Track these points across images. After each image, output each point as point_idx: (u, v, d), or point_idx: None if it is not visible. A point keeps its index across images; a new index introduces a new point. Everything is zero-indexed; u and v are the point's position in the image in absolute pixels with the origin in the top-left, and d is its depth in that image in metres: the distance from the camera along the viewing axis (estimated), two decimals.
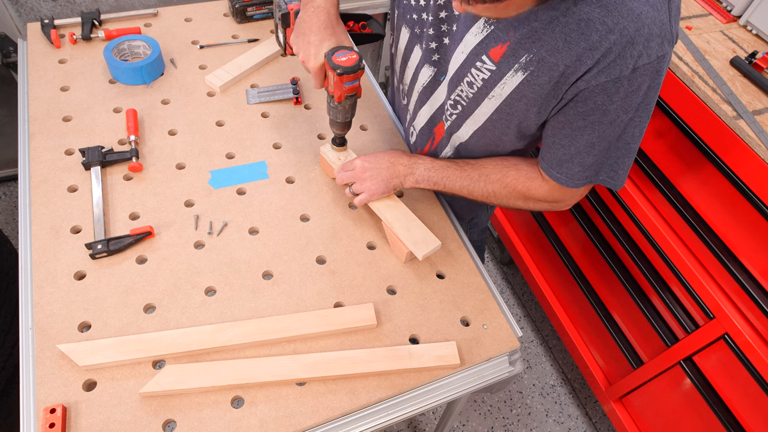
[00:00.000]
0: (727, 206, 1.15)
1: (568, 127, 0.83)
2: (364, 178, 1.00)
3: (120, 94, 1.22)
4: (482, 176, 0.97)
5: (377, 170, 1.00)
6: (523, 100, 0.82)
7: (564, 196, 0.95)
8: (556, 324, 1.80)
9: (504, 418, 1.81)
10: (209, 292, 0.94)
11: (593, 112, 0.78)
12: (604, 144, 0.83)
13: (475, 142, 0.97)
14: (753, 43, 1.28)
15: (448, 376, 0.91)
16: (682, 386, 1.34)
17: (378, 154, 1.02)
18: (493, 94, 0.85)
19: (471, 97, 0.89)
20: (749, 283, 1.13)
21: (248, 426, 0.80)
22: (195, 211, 1.05)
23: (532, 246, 1.89)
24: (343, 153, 1.08)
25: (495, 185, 0.97)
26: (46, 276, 0.92)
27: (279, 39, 1.15)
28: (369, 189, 1.00)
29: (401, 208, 1.02)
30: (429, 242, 0.98)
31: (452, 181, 0.99)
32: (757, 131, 1.06)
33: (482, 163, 0.98)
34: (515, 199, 0.98)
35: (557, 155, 0.87)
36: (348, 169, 1.02)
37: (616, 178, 0.88)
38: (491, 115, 0.88)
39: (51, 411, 0.76)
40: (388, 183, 1.00)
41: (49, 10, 1.55)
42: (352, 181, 1.01)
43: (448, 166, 0.99)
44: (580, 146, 0.84)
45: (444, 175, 0.99)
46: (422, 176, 1.00)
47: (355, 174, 1.01)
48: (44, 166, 1.06)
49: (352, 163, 1.02)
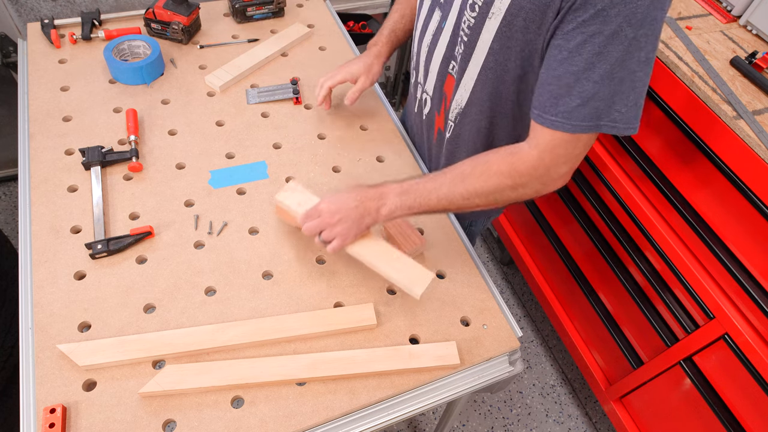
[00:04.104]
0: (727, 206, 1.15)
1: (564, 48, 0.75)
2: (333, 223, 0.90)
3: (120, 94, 1.22)
4: (457, 177, 0.88)
5: (345, 212, 0.90)
6: (521, 13, 0.79)
7: (555, 162, 0.82)
8: (556, 324, 1.80)
9: (504, 418, 1.81)
10: (209, 292, 0.94)
11: (593, 21, 0.71)
12: (605, 66, 0.73)
13: (479, 91, 0.93)
14: (753, 43, 1.28)
15: (448, 376, 0.91)
16: (682, 386, 1.34)
17: (341, 194, 0.92)
18: (493, 11, 0.82)
19: (473, 24, 0.86)
20: (749, 283, 1.13)
21: (248, 426, 0.80)
22: (195, 211, 1.05)
23: (532, 246, 1.89)
24: (301, 196, 0.98)
25: (475, 180, 0.86)
26: (46, 276, 0.92)
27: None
28: (340, 234, 0.91)
29: (380, 245, 0.94)
30: (423, 278, 0.91)
31: (427, 196, 0.89)
32: (757, 131, 1.06)
33: (455, 165, 0.90)
34: (502, 188, 0.86)
35: (552, 90, 0.78)
36: (313, 217, 0.92)
37: (624, 119, 0.77)
38: (492, 43, 0.85)
39: (51, 411, 0.76)
40: (359, 223, 0.91)
41: (49, 10, 1.55)
42: (321, 229, 0.92)
43: (418, 182, 0.90)
44: (578, 70, 0.75)
45: (417, 194, 0.89)
46: (395, 204, 0.90)
47: (322, 221, 0.91)
48: (44, 166, 1.06)
49: (316, 209, 0.92)
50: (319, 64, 1.38)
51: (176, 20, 1.31)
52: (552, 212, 1.73)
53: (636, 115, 0.78)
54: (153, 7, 1.30)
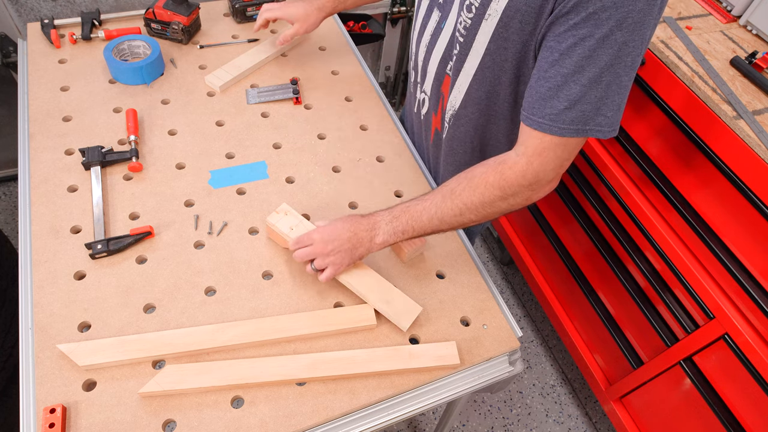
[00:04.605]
0: (727, 206, 1.15)
1: (556, 50, 0.76)
2: (327, 253, 0.91)
3: (120, 94, 1.22)
4: (446, 194, 0.88)
5: (338, 242, 0.91)
6: (517, 15, 0.79)
7: (544, 167, 0.81)
8: (556, 324, 1.80)
9: (504, 418, 1.81)
10: (209, 292, 0.94)
11: (584, 24, 0.72)
12: (594, 69, 0.74)
13: (475, 91, 0.93)
14: (753, 43, 1.28)
15: (448, 376, 0.91)
16: (682, 386, 1.34)
17: (335, 224, 0.93)
18: (489, 12, 0.82)
19: (469, 25, 0.86)
20: (749, 283, 1.13)
21: (248, 426, 0.80)
22: (195, 211, 1.05)
23: (532, 246, 1.89)
24: (293, 220, 1.00)
25: (464, 195, 0.86)
26: (46, 276, 0.92)
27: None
28: (333, 263, 0.92)
29: (372, 276, 0.96)
30: (411, 311, 0.93)
31: (418, 218, 0.90)
32: (757, 131, 1.06)
33: (443, 185, 0.90)
34: (492, 200, 0.85)
35: (540, 91, 0.78)
36: (305, 244, 0.93)
37: (609, 123, 0.78)
38: (488, 44, 0.85)
39: (51, 411, 0.76)
40: (352, 254, 0.92)
41: (49, 10, 1.55)
42: (313, 257, 0.93)
43: (408, 206, 0.91)
44: (567, 72, 0.75)
45: (408, 217, 0.90)
46: (387, 232, 0.91)
47: (315, 250, 0.92)
48: (44, 166, 1.07)
49: (309, 237, 0.93)
50: (319, 64, 1.38)
51: (176, 20, 1.31)
52: (552, 212, 1.73)
53: (618, 119, 0.79)
54: (153, 7, 1.30)
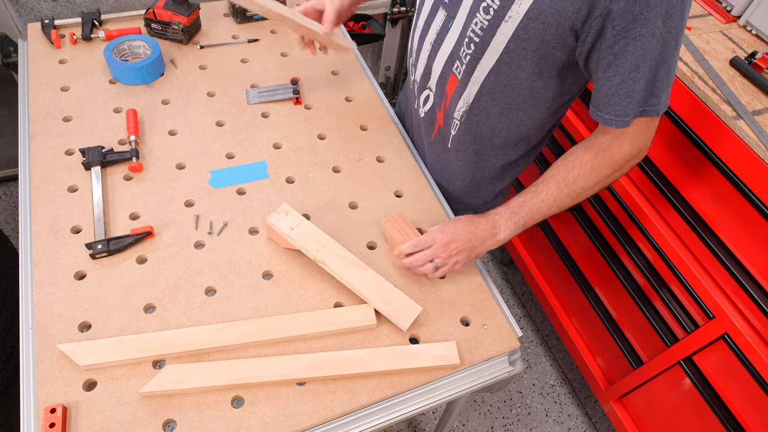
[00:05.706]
0: (727, 206, 1.16)
1: (609, 53, 0.79)
2: (451, 252, 0.95)
3: (120, 94, 1.22)
4: (561, 184, 0.93)
5: (460, 243, 0.95)
6: (540, 17, 0.80)
7: (646, 143, 0.90)
8: (556, 324, 1.80)
9: (504, 418, 1.81)
10: (209, 292, 0.94)
11: (633, 26, 0.75)
12: (648, 64, 0.79)
13: (491, 83, 0.93)
14: (753, 43, 1.28)
15: (448, 376, 0.91)
16: (682, 386, 1.34)
17: (452, 226, 0.97)
18: (510, 14, 0.82)
19: (486, 26, 0.86)
20: (749, 283, 1.13)
21: (248, 426, 0.80)
22: (195, 211, 1.05)
23: (532, 246, 1.89)
24: (293, 220, 0.98)
25: (580, 181, 0.92)
26: (47, 276, 0.92)
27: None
28: (457, 262, 0.96)
29: (372, 276, 0.96)
30: (411, 311, 0.93)
31: (538, 210, 0.95)
32: (757, 131, 1.06)
33: (550, 175, 0.95)
34: (604, 178, 0.92)
35: (604, 91, 0.84)
36: (426, 245, 0.96)
37: (660, 102, 0.84)
38: (507, 43, 0.86)
39: (51, 411, 0.76)
40: (471, 253, 0.96)
41: (49, 11, 1.56)
42: (434, 258, 0.95)
43: (524, 201, 0.96)
44: (624, 72, 0.80)
45: (528, 210, 0.95)
46: (509, 228, 0.96)
47: (436, 250, 0.95)
48: (44, 166, 1.07)
49: (432, 237, 0.96)
50: (319, 64, 1.38)
51: (176, 20, 1.31)
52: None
53: (668, 93, 0.85)
54: (153, 7, 1.30)
